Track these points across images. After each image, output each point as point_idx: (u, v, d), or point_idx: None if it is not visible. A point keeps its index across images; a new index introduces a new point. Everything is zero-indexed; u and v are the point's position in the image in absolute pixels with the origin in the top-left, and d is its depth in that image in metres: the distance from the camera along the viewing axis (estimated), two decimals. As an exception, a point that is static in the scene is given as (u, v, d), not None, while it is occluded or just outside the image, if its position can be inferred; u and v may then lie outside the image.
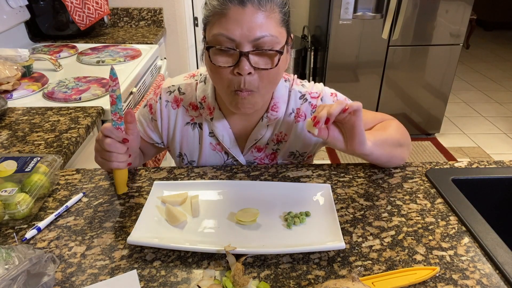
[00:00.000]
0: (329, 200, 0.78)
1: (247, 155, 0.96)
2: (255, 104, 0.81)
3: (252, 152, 0.96)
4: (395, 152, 0.89)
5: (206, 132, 0.94)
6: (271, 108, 0.91)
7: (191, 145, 0.97)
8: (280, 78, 0.84)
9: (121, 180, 0.82)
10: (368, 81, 2.87)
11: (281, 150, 0.96)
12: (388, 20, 2.62)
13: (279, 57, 0.77)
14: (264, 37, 0.74)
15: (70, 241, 0.71)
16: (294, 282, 0.63)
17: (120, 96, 0.77)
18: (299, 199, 0.80)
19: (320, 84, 0.98)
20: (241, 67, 0.75)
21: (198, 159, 0.98)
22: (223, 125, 0.92)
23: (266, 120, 0.92)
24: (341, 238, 0.67)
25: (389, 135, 0.88)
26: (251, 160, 0.97)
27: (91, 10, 1.95)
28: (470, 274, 0.64)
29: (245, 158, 0.96)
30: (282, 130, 0.95)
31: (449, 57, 2.79)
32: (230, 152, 0.95)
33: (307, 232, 0.72)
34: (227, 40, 0.74)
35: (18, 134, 1.09)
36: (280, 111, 0.92)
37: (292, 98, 0.94)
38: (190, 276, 0.64)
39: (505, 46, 5.38)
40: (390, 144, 0.87)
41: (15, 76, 1.35)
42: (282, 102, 0.92)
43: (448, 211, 0.79)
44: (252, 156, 0.96)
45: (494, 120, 3.37)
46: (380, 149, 0.84)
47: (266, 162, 0.98)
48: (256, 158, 0.97)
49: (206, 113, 0.92)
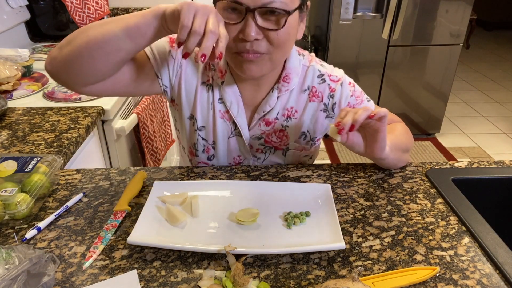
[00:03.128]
0: (329, 200, 0.78)
1: (255, 128, 0.92)
2: (262, 68, 0.78)
3: (260, 125, 0.92)
4: (403, 157, 0.90)
5: (216, 97, 0.90)
6: (282, 78, 0.88)
7: (202, 109, 0.91)
8: (291, 45, 0.81)
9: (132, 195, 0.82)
10: (368, 81, 2.87)
11: (290, 128, 0.93)
12: (388, 20, 2.62)
13: (286, 18, 0.74)
14: (273, 2, 0.71)
15: (70, 241, 0.71)
16: (294, 282, 0.63)
17: None
18: (299, 199, 0.80)
19: (340, 70, 0.96)
20: (246, 32, 0.72)
21: (208, 126, 0.92)
22: (232, 91, 0.88)
23: (276, 90, 0.89)
24: (341, 238, 0.67)
25: (399, 140, 0.88)
26: (258, 135, 0.93)
27: (91, 10, 1.95)
28: (470, 274, 0.64)
29: (251, 131, 0.92)
30: (293, 105, 0.92)
31: (449, 57, 2.79)
32: (236, 121, 0.90)
33: (307, 232, 0.72)
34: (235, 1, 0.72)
35: (18, 134, 1.09)
36: (292, 83, 0.89)
37: (309, 74, 0.91)
38: (190, 276, 0.64)
39: (505, 46, 5.38)
40: (400, 149, 0.88)
41: (15, 76, 1.35)
42: (295, 74, 0.90)
43: (448, 211, 0.79)
44: (260, 129, 0.92)
45: (494, 120, 3.37)
46: (393, 154, 0.84)
47: (274, 139, 0.93)
48: (263, 133, 0.92)
49: (217, 76, 0.88)
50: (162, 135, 1.72)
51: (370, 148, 0.79)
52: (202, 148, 0.94)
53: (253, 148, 0.94)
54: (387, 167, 0.91)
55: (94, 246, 0.69)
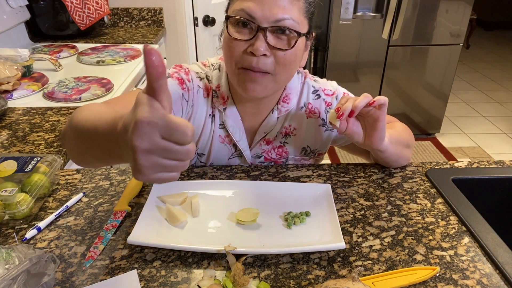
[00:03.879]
0: (329, 200, 0.78)
1: (255, 148, 0.94)
2: (266, 88, 0.79)
3: (261, 145, 0.93)
4: (404, 153, 0.89)
5: (217, 124, 0.91)
6: (282, 99, 0.89)
7: (205, 137, 0.92)
8: (295, 68, 0.81)
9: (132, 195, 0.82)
10: (368, 81, 2.87)
11: (289, 145, 0.94)
12: (388, 20, 2.62)
13: (296, 39, 0.75)
14: (285, 20, 0.73)
15: (70, 241, 0.71)
16: (294, 282, 0.63)
17: None
18: (299, 199, 0.80)
19: (333, 82, 0.96)
20: (256, 46, 0.73)
21: (208, 152, 0.94)
22: (233, 116, 0.89)
23: (277, 112, 0.90)
24: (341, 238, 0.67)
25: (399, 134, 0.88)
26: (259, 153, 0.94)
27: (91, 10, 1.95)
28: (470, 274, 0.64)
29: (252, 151, 0.94)
30: (291, 123, 0.93)
31: (449, 57, 2.79)
32: (238, 145, 0.92)
33: (307, 232, 0.72)
34: (248, 17, 0.73)
35: (18, 134, 1.09)
36: (291, 103, 0.90)
37: (304, 91, 0.92)
38: (190, 276, 0.64)
39: (505, 46, 5.38)
40: (401, 144, 0.87)
41: (15, 76, 1.35)
42: (295, 94, 0.91)
43: (448, 211, 0.79)
44: (260, 149, 0.94)
45: (494, 120, 3.37)
46: (393, 147, 0.84)
47: (273, 156, 0.95)
48: (264, 151, 0.94)
49: (220, 102, 0.89)
50: (162, 135, 1.71)
51: (369, 138, 0.79)
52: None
53: (252, 165, 0.95)
54: (389, 163, 0.90)
55: (94, 246, 0.69)
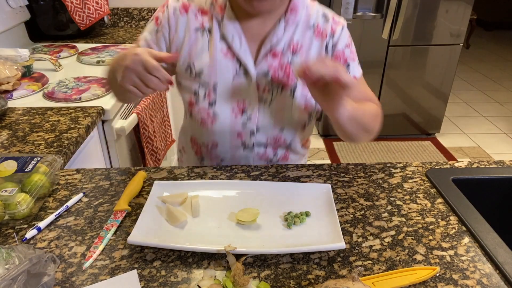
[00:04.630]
0: (329, 200, 0.78)
1: (262, 63, 0.88)
2: (273, 2, 0.79)
3: (267, 59, 0.88)
4: (359, 135, 0.88)
5: (216, 37, 0.88)
6: (289, 11, 0.88)
7: (200, 52, 0.89)
8: None
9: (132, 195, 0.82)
10: (368, 81, 2.83)
11: (297, 64, 0.90)
12: (388, 20, 2.62)
13: None
14: None
15: (70, 241, 0.71)
16: (294, 282, 0.63)
17: None
18: (299, 199, 0.80)
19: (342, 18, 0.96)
20: None
21: (208, 68, 0.89)
22: (233, 26, 0.87)
23: (284, 23, 0.87)
24: (341, 238, 0.67)
25: (363, 118, 0.86)
26: (265, 70, 0.89)
27: (91, 10, 1.95)
28: (470, 274, 0.64)
29: (259, 67, 0.89)
30: (298, 40, 0.89)
31: (449, 57, 2.79)
32: (240, 55, 0.87)
33: (307, 232, 0.72)
34: None
35: (18, 134, 1.09)
36: (298, 15, 0.88)
37: (314, 12, 0.91)
38: (190, 276, 0.64)
39: (505, 46, 5.38)
40: (360, 126, 0.85)
41: (15, 76, 1.35)
42: (302, 6, 0.89)
43: (448, 211, 0.79)
44: (267, 63, 0.88)
45: (494, 120, 3.37)
46: (350, 125, 0.82)
47: (281, 75, 0.89)
48: (271, 67, 0.89)
49: (217, 12, 0.87)
50: (162, 135, 1.72)
51: (327, 103, 0.77)
52: (203, 93, 0.91)
53: (259, 88, 0.90)
54: (342, 136, 0.89)
55: (94, 246, 0.69)
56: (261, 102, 0.91)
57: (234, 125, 0.92)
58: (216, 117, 0.91)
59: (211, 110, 0.91)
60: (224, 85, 0.89)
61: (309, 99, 0.92)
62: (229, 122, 0.92)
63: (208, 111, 0.91)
